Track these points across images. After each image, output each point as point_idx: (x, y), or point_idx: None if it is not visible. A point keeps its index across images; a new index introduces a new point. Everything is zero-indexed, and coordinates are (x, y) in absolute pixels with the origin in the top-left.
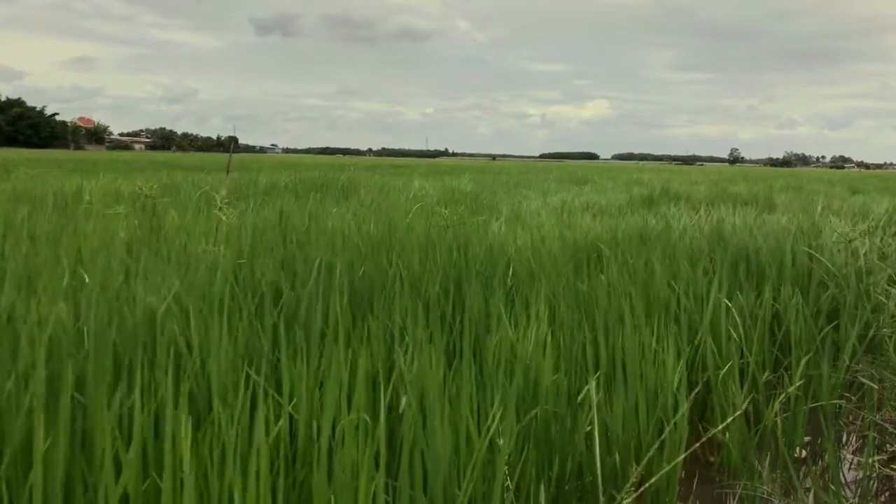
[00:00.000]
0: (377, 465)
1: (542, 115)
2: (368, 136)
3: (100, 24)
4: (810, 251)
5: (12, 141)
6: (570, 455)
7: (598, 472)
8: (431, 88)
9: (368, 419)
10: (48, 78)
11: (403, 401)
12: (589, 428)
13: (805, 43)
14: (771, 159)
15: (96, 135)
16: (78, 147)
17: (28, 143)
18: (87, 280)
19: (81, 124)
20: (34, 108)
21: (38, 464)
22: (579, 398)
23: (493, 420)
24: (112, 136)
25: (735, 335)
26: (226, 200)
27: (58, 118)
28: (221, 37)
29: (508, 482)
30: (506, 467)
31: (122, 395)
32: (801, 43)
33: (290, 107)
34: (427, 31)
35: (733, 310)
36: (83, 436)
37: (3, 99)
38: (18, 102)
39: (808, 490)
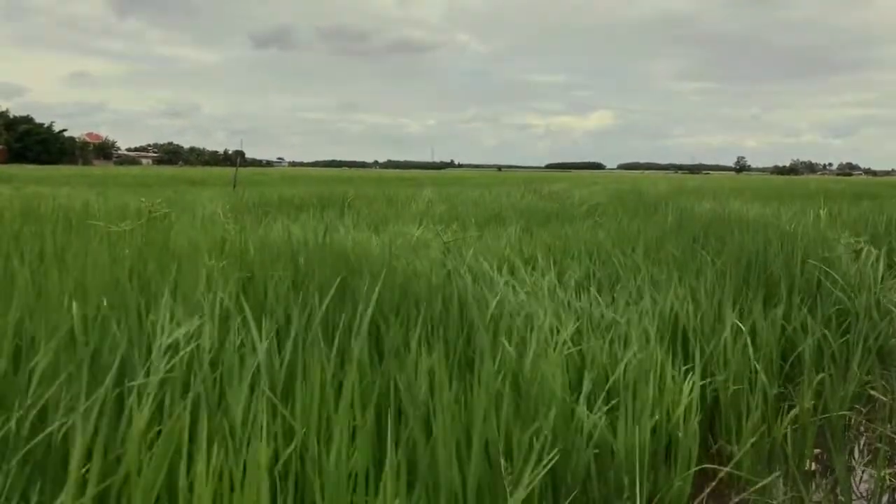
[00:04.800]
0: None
1: (545, 125)
2: (374, 148)
3: (99, 40)
4: (818, 264)
5: (21, 157)
6: (576, 469)
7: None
8: (433, 101)
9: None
10: (50, 94)
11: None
12: (597, 451)
13: (808, 52)
14: (777, 167)
15: (104, 150)
16: (86, 162)
17: (37, 160)
18: (104, 304)
19: (89, 140)
20: (42, 124)
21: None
22: (588, 426)
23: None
24: (119, 152)
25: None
26: (230, 216)
27: (66, 134)
28: (220, 51)
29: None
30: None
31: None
32: (804, 52)
33: (294, 120)
34: (426, 43)
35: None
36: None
37: (11, 117)
38: (26, 119)
39: (819, 503)
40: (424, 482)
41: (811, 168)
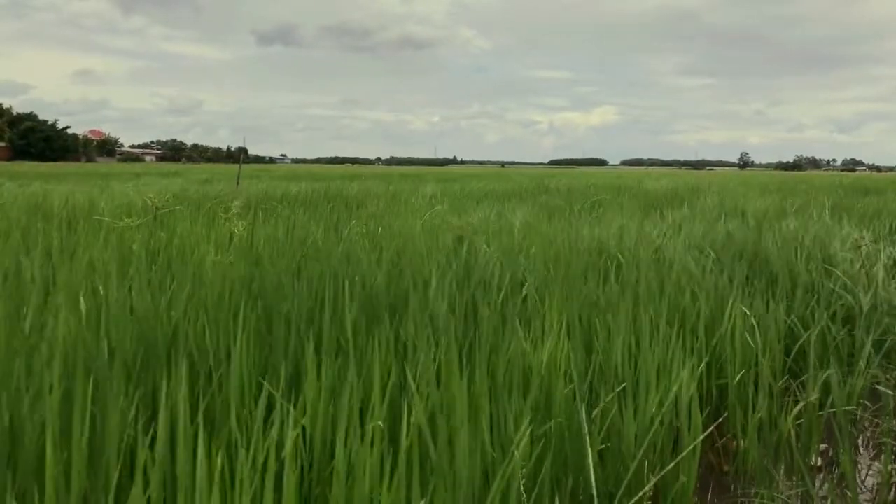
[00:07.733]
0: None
1: (549, 122)
2: (377, 145)
3: (103, 37)
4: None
5: (25, 154)
6: (583, 466)
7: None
8: (436, 97)
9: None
10: (54, 91)
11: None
12: (602, 444)
13: (812, 47)
14: (781, 163)
15: (106, 147)
16: (89, 159)
17: (41, 157)
18: (101, 291)
19: (92, 136)
20: (45, 121)
21: (51, 480)
22: (594, 413)
23: (506, 430)
24: (123, 149)
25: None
26: (235, 212)
27: (69, 131)
28: (224, 49)
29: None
30: (522, 481)
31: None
32: (807, 47)
33: (297, 117)
34: (429, 39)
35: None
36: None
37: (15, 114)
38: (30, 116)
39: (825, 499)
40: None
41: (815, 164)
